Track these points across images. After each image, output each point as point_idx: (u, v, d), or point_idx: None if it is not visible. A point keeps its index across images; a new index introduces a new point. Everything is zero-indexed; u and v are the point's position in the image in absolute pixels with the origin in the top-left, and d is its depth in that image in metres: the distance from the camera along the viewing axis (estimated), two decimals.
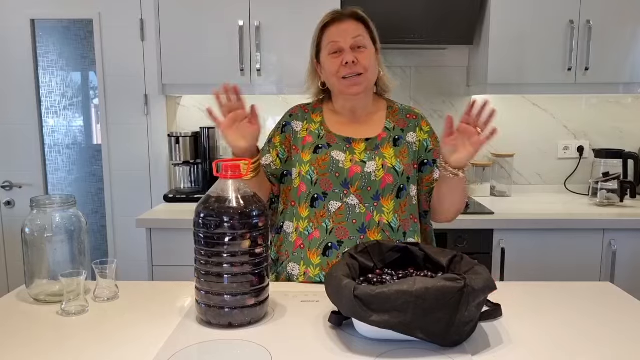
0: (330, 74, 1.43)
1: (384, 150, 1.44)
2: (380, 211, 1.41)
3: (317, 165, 1.42)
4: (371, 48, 1.44)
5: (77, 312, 1.18)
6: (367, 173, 1.40)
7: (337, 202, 1.41)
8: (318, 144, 1.46)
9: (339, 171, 1.41)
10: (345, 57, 1.38)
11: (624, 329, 1.10)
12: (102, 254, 2.90)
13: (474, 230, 2.22)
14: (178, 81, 2.52)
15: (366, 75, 1.41)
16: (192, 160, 2.72)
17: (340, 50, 1.40)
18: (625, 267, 2.26)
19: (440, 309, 0.95)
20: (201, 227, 1.08)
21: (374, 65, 1.44)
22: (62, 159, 2.90)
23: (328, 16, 1.45)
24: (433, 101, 2.86)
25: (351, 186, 1.40)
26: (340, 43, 1.40)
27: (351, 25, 1.42)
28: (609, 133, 2.88)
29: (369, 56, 1.42)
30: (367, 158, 1.43)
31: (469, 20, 2.51)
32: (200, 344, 1.02)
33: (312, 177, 1.43)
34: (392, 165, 1.42)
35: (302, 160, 1.45)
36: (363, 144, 1.45)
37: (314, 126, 1.50)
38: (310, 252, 1.41)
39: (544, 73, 2.48)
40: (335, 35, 1.41)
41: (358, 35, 1.41)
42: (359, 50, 1.40)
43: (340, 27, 1.42)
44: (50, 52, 2.81)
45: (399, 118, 1.51)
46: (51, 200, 1.26)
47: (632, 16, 2.45)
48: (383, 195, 1.41)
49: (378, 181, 1.40)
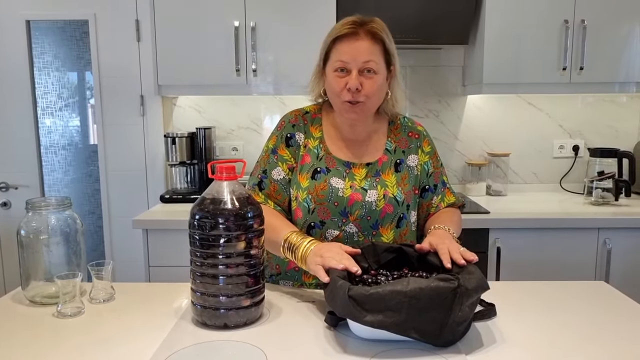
0: (331, 91, 1.35)
1: (386, 178, 1.38)
2: (380, 240, 1.36)
3: (314, 194, 1.35)
4: (382, 73, 1.32)
5: (73, 313, 1.18)
6: (368, 202, 1.35)
7: (335, 230, 1.35)
8: (317, 167, 1.38)
9: (338, 200, 1.34)
10: (350, 82, 1.28)
11: (617, 329, 1.10)
12: (99, 254, 2.90)
13: (469, 230, 2.23)
14: (174, 82, 2.52)
15: (366, 103, 1.32)
16: (188, 161, 2.72)
17: (347, 71, 1.30)
18: (620, 266, 2.27)
19: (434, 309, 0.96)
20: (196, 228, 1.08)
21: (380, 91, 1.34)
22: (58, 159, 2.89)
23: (343, 28, 1.31)
24: (428, 101, 2.87)
25: (350, 215, 1.34)
26: (349, 64, 1.29)
27: (365, 46, 1.29)
28: (604, 132, 2.89)
29: (376, 84, 1.31)
30: (368, 186, 1.36)
31: (464, 20, 2.52)
32: (196, 345, 1.03)
33: (309, 205, 1.35)
34: (394, 195, 1.36)
35: (300, 185, 1.38)
36: (364, 170, 1.39)
37: (312, 142, 1.41)
38: (305, 276, 1.39)
39: (539, 72, 2.49)
40: (345, 54, 1.30)
41: (370, 60, 1.29)
42: (367, 76, 1.30)
43: (353, 45, 1.29)
44: (46, 52, 2.81)
45: (400, 137, 1.44)
46: (47, 202, 1.26)
47: (627, 15, 2.45)
48: (382, 224, 1.36)
49: (378, 211, 1.35)
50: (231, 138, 2.89)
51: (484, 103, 2.87)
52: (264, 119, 2.88)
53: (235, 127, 2.88)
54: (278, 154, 1.42)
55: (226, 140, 2.89)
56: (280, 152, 1.42)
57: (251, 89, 2.52)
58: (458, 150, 2.90)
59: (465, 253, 1.13)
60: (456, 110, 2.88)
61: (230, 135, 2.89)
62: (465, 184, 2.84)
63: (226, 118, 2.88)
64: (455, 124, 2.89)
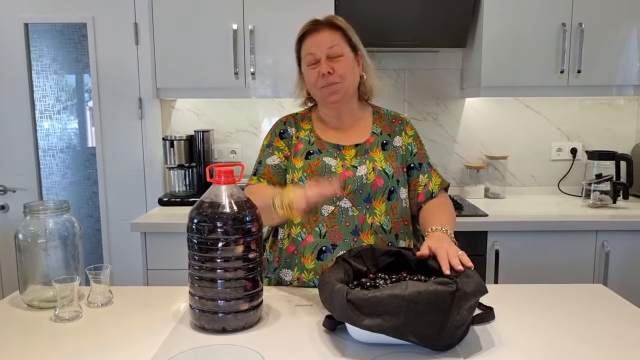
0: (310, 84, 1.47)
1: (374, 154, 1.47)
2: (373, 213, 1.42)
3: (309, 171, 1.45)
4: (349, 55, 1.44)
5: (71, 317, 1.18)
6: (359, 177, 1.43)
7: (330, 205, 1.42)
8: (309, 150, 1.48)
9: (332, 175, 1.43)
10: (321, 68, 1.40)
11: (616, 331, 1.10)
12: (97, 257, 2.90)
13: (468, 232, 2.23)
14: (172, 85, 2.52)
15: (343, 83, 1.42)
16: (186, 164, 2.72)
17: (317, 61, 1.42)
18: (618, 268, 2.28)
19: (432, 312, 0.96)
20: (194, 232, 1.08)
21: (352, 72, 1.45)
22: (57, 162, 2.89)
23: (304, 27, 1.46)
24: (427, 103, 2.87)
25: (343, 190, 1.42)
26: (316, 54, 1.42)
27: (327, 35, 1.43)
28: (601, 135, 2.89)
29: (346, 64, 1.42)
30: (358, 163, 1.45)
31: (462, 23, 2.52)
32: (194, 349, 1.02)
33: (304, 183, 1.43)
34: (382, 168, 1.45)
35: (295, 167, 1.47)
36: (353, 150, 1.48)
37: (304, 133, 1.52)
38: (304, 258, 1.42)
39: (537, 75, 2.50)
40: (311, 47, 1.43)
41: (333, 44, 1.41)
42: (335, 60, 1.41)
43: (316, 37, 1.43)
44: (44, 55, 2.80)
45: (385, 123, 1.54)
46: (44, 206, 1.26)
47: (624, 18, 2.46)
48: (375, 197, 1.43)
49: (370, 184, 1.42)
50: (230, 141, 2.89)
51: (482, 106, 2.87)
52: (262, 122, 2.88)
53: (234, 130, 2.88)
54: (273, 146, 1.53)
55: (225, 143, 2.89)
56: (275, 143, 1.53)
57: (250, 91, 2.52)
58: (456, 153, 2.90)
59: (463, 257, 1.13)
60: (454, 113, 2.88)
61: (229, 138, 2.89)
62: (463, 187, 2.84)
63: (225, 121, 2.88)
64: (454, 127, 2.89)
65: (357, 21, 2.69)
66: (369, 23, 2.48)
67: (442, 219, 1.38)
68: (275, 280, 1.47)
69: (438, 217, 1.40)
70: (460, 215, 2.33)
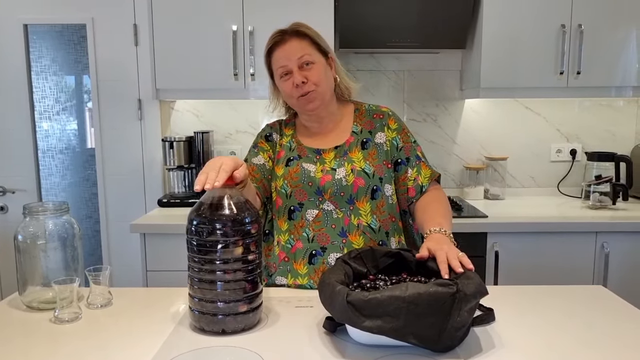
0: (286, 96, 1.46)
1: (352, 155, 1.46)
2: (357, 214, 1.42)
3: (289, 178, 1.45)
4: (320, 61, 1.43)
5: (71, 319, 1.17)
6: (338, 179, 1.42)
7: (314, 209, 1.43)
8: (289, 156, 1.49)
9: (311, 180, 1.43)
10: (294, 78, 1.39)
11: (615, 333, 1.10)
12: (96, 258, 2.89)
13: (467, 234, 2.23)
14: (172, 86, 2.52)
15: (317, 90, 1.41)
16: (186, 165, 2.72)
17: (290, 72, 1.41)
18: (617, 270, 2.28)
19: (432, 314, 0.96)
20: (194, 234, 1.08)
21: (326, 77, 1.44)
22: (56, 163, 2.89)
23: (271, 40, 1.45)
24: (426, 105, 2.87)
25: (324, 193, 1.42)
26: (288, 66, 1.41)
27: (295, 45, 1.41)
28: (601, 136, 2.90)
29: (318, 71, 1.42)
30: (337, 165, 1.45)
31: (462, 25, 2.52)
32: (194, 351, 1.02)
33: (286, 190, 1.44)
34: (362, 168, 1.43)
35: (276, 174, 1.48)
36: (332, 153, 1.47)
37: (285, 139, 1.54)
38: (296, 264, 1.42)
39: (536, 77, 2.50)
40: (281, 59, 1.42)
41: (303, 54, 1.40)
42: (307, 68, 1.40)
43: (284, 49, 1.42)
44: (44, 56, 2.80)
45: (365, 120, 1.52)
46: (44, 207, 1.26)
47: (623, 20, 2.47)
48: (357, 198, 1.42)
49: (350, 185, 1.41)
50: (229, 142, 2.89)
51: (481, 107, 2.87)
52: (261, 123, 2.88)
53: (233, 131, 2.88)
54: (258, 147, 1.55)
55: (224, 144, 2.89)
56: (260, 144, 1.55)
57: (249, 93, 2.52)
58: (456, 154, 2.90)
59: (463, 259, 1.13)
60: (454, 114, 2.88)
61: (228, 140, 2.89)
62: (463, 188, 2.84)
63: (224, 122, 2.88)
64: (453, 128, 2.89)
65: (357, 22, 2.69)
66: (369, 24, 2.48)
67: (439, 217, 1.37)
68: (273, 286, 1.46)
69: (434, 216, 1.38)
70: (460, 216, 2.33)
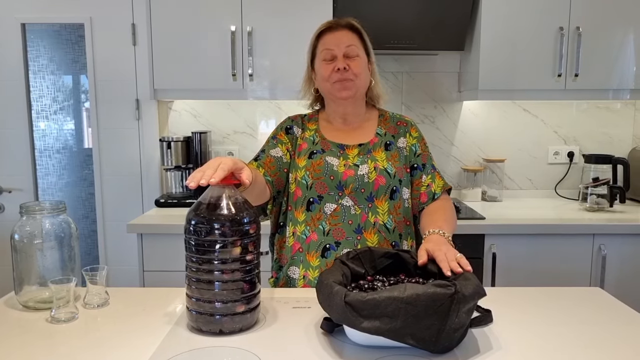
0: (322, 79, 1.48)
1: (376, 154, 1.49)
2: (375, 212, 1.44)
3: (312, 170, 1.46)
4: (363, 57, 1.48)
5: (67, 319, 1.17)
6: (360, 175, 1.45)
7: (332, 204, 1.44)
8: (313, 149, 1.50)
9: (334, 174, 1.45)
10: (338, 63, 1.43)
11: (613, 335, 1.10)
12: (93, 258, 2.88)
13: (465, 235, 2.23)
14: (170, 86, 2.51)
15: (356, 81, 1.45)
16: (183, 165, 2.72)
17: (334, 58, 1.45)
18: (615, 272, 2.28)
19: (430, 315, 0.96)
20: (192, 234, 1.07)
21: (365, 74, 1.49)
22: (53, 163, 2.88)
23: (324, 25, 1.50)
24: (424, 106, 2.88)
25: (345, 188, 1.44)
26: (334, 51, 1.45)
27: (345, 35, 1.47)
28: (598, 138, 2.90)
29: (361, 64, 1.46)
30: (360, 162, 1.47)
31: (460, 27, 2.53)
32: (191, 352, 1.02)
33: (307, 182, 1.46)
34: (384, 167, 1.46)
35: (298, 165, 1.49)
36: (356, 149, 1.50)
37: (309, 133, 1.54)
38: (309, 255, 1.44)
39: (534, 79, 2.50)
40: (329, 43, 1.47)
41: (351, 44, 1.46)
42: (351, 59, 1.45)
43: (335, 35, 1.47)
44: (41, 56, 2.80)
45: (390, 125, 1.56)
46: (41, 206, 1.25)
47: (621, 23, 2.47)
48: (377, 196, 1.44)
49: (371, 183, 1.44)
50: (227, 142, 2.89)
51: (479, 109, 2.88)
52: (259, 124, 2.88)
53: (231, 131, 2.88)
54: (277, 138, 1.54)
55: (222, 144, 2.88)
56: (279, 136, 1.55)
57: (247, 93, 2.52)
58: (453, 156, 2.91)
59: (461, 260, 1.13)
60: (452, 116, 2.89)
61: (226, 140, 2.88)
62: (460, 190, 2.85)
63: (222, 122, 2.87)
64: (451, 130, 2.89)
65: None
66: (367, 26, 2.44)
67: (441, 221, 1.38)
68: (284, 278, 1.48)
69: (436, 220, 1.40)
70: (458, 218, 2.33)
